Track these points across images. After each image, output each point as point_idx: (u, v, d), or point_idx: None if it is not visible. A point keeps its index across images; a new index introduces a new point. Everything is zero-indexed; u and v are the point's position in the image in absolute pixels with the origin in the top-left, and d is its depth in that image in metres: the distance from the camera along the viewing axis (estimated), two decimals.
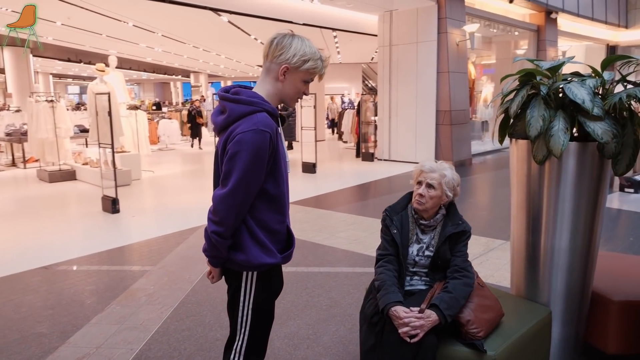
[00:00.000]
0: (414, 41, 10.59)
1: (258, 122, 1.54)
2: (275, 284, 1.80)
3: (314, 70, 1.66)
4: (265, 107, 1.60)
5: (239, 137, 1.53)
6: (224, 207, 1.56)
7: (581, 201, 2.28)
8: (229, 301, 1.76)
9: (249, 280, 1.69)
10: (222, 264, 1.70)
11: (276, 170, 1.64)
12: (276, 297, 1.84)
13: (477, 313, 2.02)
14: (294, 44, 1.62)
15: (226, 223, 1.58)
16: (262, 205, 1.64)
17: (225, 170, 1.57)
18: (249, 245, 1.63)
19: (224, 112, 1.64)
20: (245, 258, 1.63)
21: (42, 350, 2.86)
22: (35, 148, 9.72)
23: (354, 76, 26.06)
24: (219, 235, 1.60)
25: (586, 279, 2.39)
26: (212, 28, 12.61)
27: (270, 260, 1.65)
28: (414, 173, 2.22)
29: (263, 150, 1.54)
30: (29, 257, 4.61)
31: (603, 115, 2.08)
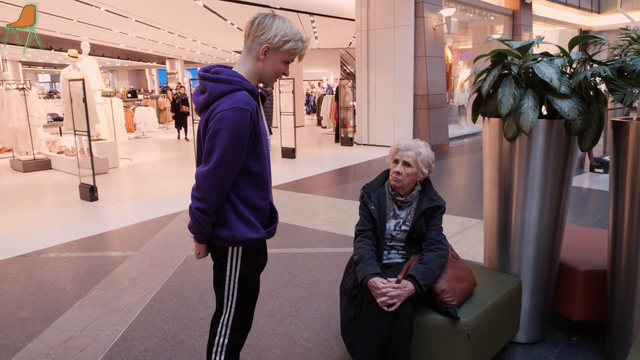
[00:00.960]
0: (391, 25, 10.64)
1: (238, 100, 1.58)
2: (261, 258, 1.86)
3: (294, 51, 1.70)
4: (245, 86, 1.63)
5: (220, 115, 1.56)
6: (207, 184, 1.61)
7: (548, 176, 2.39)
8: (215, 276, 1.81)
9: (234, 255, 1.74)
10: (207, 241, 1.75)
11: (257, 147, 1.68)
12: (261, 271, 1.90)
13: (451, 283, 2.12)
14: (275, 24, 1.65)
15: (209, 199, 1.62)
16: (245, 182, 1.69)
17: (207, 148, 1.60)
18: (234, 221, 1.68)
19: (204, 92, 1.67)
20: (230, 234, 1.68)
21: (26, 334, 2.87)
22: (7, 137, 9.47)
23: (332, 62, 26.02)
24: (202, 212, 1.64)
25: (553, 251, 2.52)
26: (188, 13, 12.41)
27: (255, 235, 1.71)
28: (390, 151, 2.30)
29: (244, 128, 1.58)
30: (6, 246, 4.56)
31: (570, 93, 2.18)
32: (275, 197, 2.10)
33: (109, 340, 2.77)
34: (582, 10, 16.77)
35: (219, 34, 17.29)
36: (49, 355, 2.63)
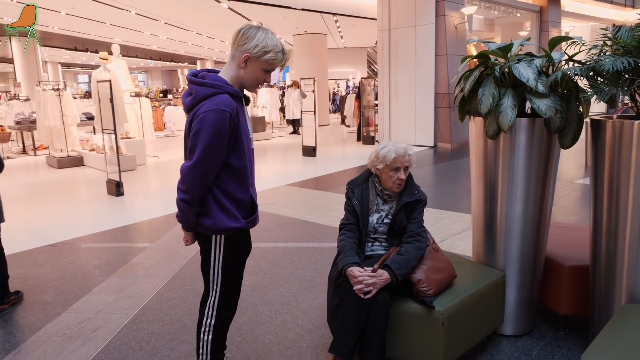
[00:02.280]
0: (413, 24, 10.66)
1: (219, 102, 1.76)
2: (243, 245, 2.04)
3: (273, 62, 1.85)
4: (226, 90, 1.81)
5: (202, 115, 1.75)
6: (190, 178, 1.80)
7: (531, 173, 2.47)
8: (201, 262, 2.01)
9: (217, 242, 1.93)
10: (193, 229, 1.94)
11: (238, 145, 1.85)
12: (245, 257, 2.08)
13: (429, 274, 2.23)
14: (257, 35, 1.81)
15: (192, 191, 1.81)
16: (227, 177, 1.87)
17: (190, 145, 1.79)
18: (215, 211, 1.87)
19: (191, 94, 1.85)
20: (212, 223, 1.87)
21: (46, 316, 3.14)
22: (43, 136, 10.04)
23: (359, 61, 26.08)
24: (186, 203, 1.83)
25: (538, 245, 2.59)
26: (214, 15, 12.75)
27: (235, 224, 1.89)
28: (385, 160, 2.31)
29: (224, 127, 1.75)
30: (37, 236, 4.90)
31: (547, 92, 2.26)
32: (290, 194, 2.29)
33: (120, 323, 3.00)
34: (615, 4, 16.28)
35: None
36: (64, 334, 2.88)
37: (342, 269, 2.20)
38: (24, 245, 4.59)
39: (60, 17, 12.51)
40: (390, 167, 2.32)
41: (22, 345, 2.78)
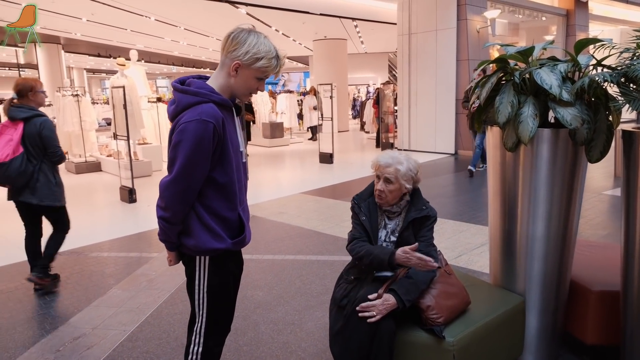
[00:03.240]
0: (433, 29, 10.42)
1: (202, 112, 1.58)
2: (232, 267, 1.85)
3: (265, 69, 1.67)
4: (212, 98, 1.63)
5: (182, 126, 1.59)
6: (169, 194, 1.64)
7: (555, 188, 2.24)
8: (187, 284, 1.83)
9: (202, 264, 1.75)
10: (176, 249, 1.77)
11: (224, 159, 1.67)
12: (235, 279, 1.90)
13: (439, 299, 2.03)
14: (248, 40, 1.63)
15: (171, 208, 1.65)
16: (211, 193, 1.69)
17: (169, 157, 1.63)
18: (198, 231, 1.69)
19: (175, 102, 1.70)
20: (194, 243, 1.70)
21: (43, 330, 3.04)
22: (63, 141, 10.11)
23: (380, 66, 25.84)
24: (165, 221, 1.67)
25: (562, 268, 2.36)
26: (232, 20, 12.72)
27: (220, 245, 1.71)
28: (372, 165, 2.22)
29: (206, 140, 1.58)
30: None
31: (573, 100, 2.04)
32: (304, 202, 2.14)
33: (116, 340, 2.87)
34: None
35: None
36: (58, 352, 2.76)
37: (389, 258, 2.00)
38: None
39: (82, 23, 12.68)
40: (375, 174, 2.20)
41: None
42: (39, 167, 3.47)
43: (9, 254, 4.61)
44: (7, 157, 3.29)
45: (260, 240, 4.77)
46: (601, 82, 1.94)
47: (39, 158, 3.46)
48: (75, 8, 10.71)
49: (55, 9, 10.73)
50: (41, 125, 3.39)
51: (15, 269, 4.17)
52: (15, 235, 5.26)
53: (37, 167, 3.45)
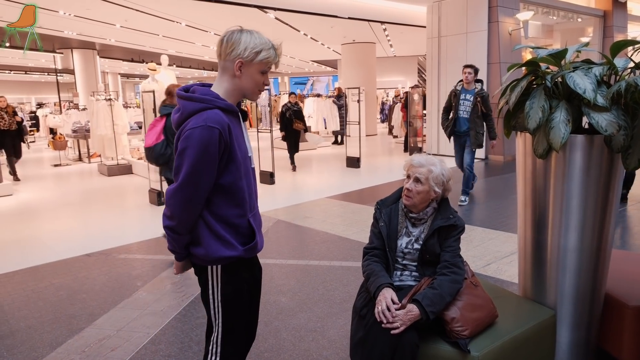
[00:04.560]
0: (464, 32, 10.24)
1: (207, 118, 1.57)
2: (245, 275, 1.81)
3: (267, 60, 1.67)
4: (217, 104, 1.62)
5: (187, 133, 1.57)
6: (175, 202, 1.61)
7: (589, 198, 2.13)
8: (201, 293, 1.81)
9: (214, 273, 1.73)
10: (184, 258, 1.75)
11: (232, 165, 1.65)
12: (250, 287, 1.86)
13: (464, 312, 1.95)
14: (243, 38, 1.63)
15: (177, 217, 1.62)
16: (220, 200, 1.67)
17: (175, 165, 1.61)
18: (207, 239, 1.67)
19: (180, 110, 1.68)
20: (204, 252, 1.67)
21: (69, 330, 3.09)
22: (96, 144, 10.43)
23: (410, 69, 25.60)
24: (171, 230, 1.65)
25: (596, 281, 2.24)
26: (261, 25, 12.85)
27: (231, 253, 1.68)
28: (404, 166, 2.19)
29: (212, 146, 1.56)
30: (75, 245, 4.97)
31: (609, 105, 1.93)
32: (329, 207, 2.12)
33: (139, 342, 2.90)
34: None
35: (294, 44, 17.71)
36: (83, 353, 2.81)
37: (375, 290, 1.97)
38: (62, 254, 4.66)
39: (115, 29, 13.04)
40: (405, 173, 2.16)
41: None
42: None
43: (41, 254, 4.74)
44: (152, 142, 4.25)
45: (285, 245, 4.76)
46: (639, 85, 1.83)
47: None
48: (109, 15, 11.02)
49: (90, 16, 11.07)
50: None
51: (47, 269, 4.29)
52: (47, 235, 5.42)
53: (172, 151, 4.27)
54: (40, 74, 25.44)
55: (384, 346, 1.87)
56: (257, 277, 1.93)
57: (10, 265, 4.38)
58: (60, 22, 12.07)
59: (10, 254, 4.79)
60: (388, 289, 1.97)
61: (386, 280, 2.04)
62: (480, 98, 5.97)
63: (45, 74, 24.85)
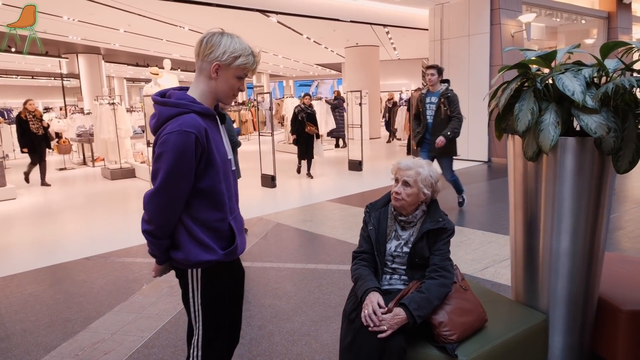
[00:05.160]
0: (466, 34, 10.22)
1: (183, 123, 1.57)
2: (226, 279, 1.80)
3: (245, 66, 1.67)
4: (193, 109, 1.62)
5: (164, 137, 1.57)
6: (152, 206, 1.62)
7: (581, 201, 2.11)
8: (182, 296, 1.80)
9: (194, 277, 1.72)
10: (165, 262, 1.75)
11: (211, 169, 1.65)
12: (232, 291, 1.86)
13: (453, 316, 1.94)
14: (223, 41, 1.63)
15: (155, 221, 1.63)
16: (200, 204, 1.67)
17: (153, 170, 1.61)
18: (186, 243, 1.67)
19: (156, 115, 1.68)
20: (184, 256, 1.67)
21: (64, 334, 3.10)
22: (99, 148, 10.49)
23: (414, 72, 25.57)
24: (150, 234, 1.65)
25: (589, 285, 2.21)
26: (264, 29, 12.89)
27: (210, 257, 1.67)
28: (392, 170, 2.18)
29: (188, 151, 1.56)
30: (76, 249, 4.99)
31: (598, 107, 1.92)
32: (330, 210, 2.13)
33: (133, 346, 2.90)
34: None
35: (298, 47, 17.75)
36: (77, 356, 2.81)
37: (362, 295, 1.97)
38: (63, 258, 4.68)
39: (119, 34, 13.12)
40: (394, 177, 2.15)
41: None
42: None
43: (41, 257, 4.77)
44: None
45: (283, 249, 4.75)
46: (627, 87, 1.81)
47: None
48: (113, 20, 11.10)
49: (93, 21, 11.15)
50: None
51: (46, 273, 4.31)
52: (48, 239, 5.45)
53: None
54: (47, 78, 25.67)
55: (370, 351, 1.85)
56: (239, 280, 1.93)
57: (10, 269, 4.41)
58: (65, 27, 12.17)
59: (11, 258, 4.82)
60: (375, 293, 1.96)
61: (373, 284, 2.04)
62: (444, 99, 5.42)
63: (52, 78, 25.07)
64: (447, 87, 5.53)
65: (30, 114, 8.90)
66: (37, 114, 9.06)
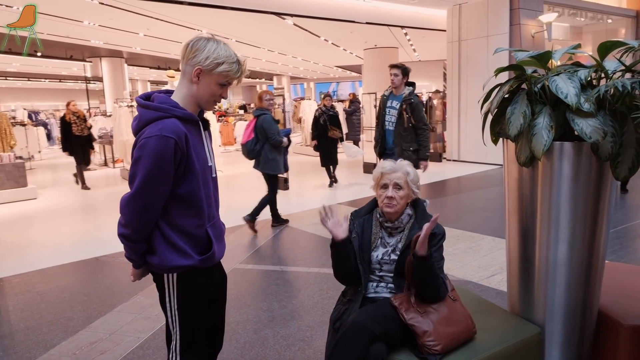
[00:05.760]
0: (484, 35, 10.04)
1: (162, 128, 1.56)
2: (204, 284, 1.78)
3: (227, 74, 1.64)
4: (174, 113, 1.61)
5: (142, 142, 1.56)
6: (128, 211, 1.61)
7: (578, 208, 2.02)
8: (159, 300, 1.80)
9: (170, 282, 1.71)
10: (141, 266, 1.75)
11: (190, 174, 1.64)
12: (211, 296, 1.84)
13: (438, 326, 1.87)
14: (207, 46, 1.62)
15: (131, 226, 1.62)
16: (177, 210, 1.66)
17: (130, 174, 1.61)
18: (162, 248, 1.66)
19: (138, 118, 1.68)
20: (159, 261, 1.66)
21: (65, 332, 3.14)
22: (119, 149, 10.67)
23: (435, 74, 25.27)
24: (125, 238, 1.64)
25: (588, 297, 2.11)
26: (281, 31, 12.93)
27: (185, 262, 1.66)
28: (374, 178, 2.13)
29: (166, 156, 1.55)
30: (86, 248, 5.07)
31: (594, 111, 1.83)
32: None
33: (129, 347, 2.91)
34: None
35: (316, 49, 17.74)
36: (74, 355, 2.84)
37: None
38: (74, 257, 4.77)
39: (139, 38, 13.35)
40: (379, 185, 2.07)
41: None
42: (261, 147, 5.24)
43: (53, 256, 4.86)
44: (244, 140, 5.31)
45: (288, 252, 4.73)
46: (620, 89, 1.72)
47: (263, 141, 5.23)
48: (132, 24, 11.30)
49: (113, 25, 11.37)
50: (261, 120, 5.21)
51: (56, 272, 4.39)
52: (61, 238, 5.56)
53: (261, 147, 5.24)
54: (74, 81, 26.32)
55: (353, 358, 1.81)
56: (220, 285, 1.92)
57: (21, 267, 4.51)
58: (87, 32, 12.44)
59: (25, 256, 4.93)
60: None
61: None
62: (407, 105, 4.58)
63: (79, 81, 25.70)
64: (411, 92, 4.67)
65: (74, 115, 8.60)
66: (81, 115, 8.77)
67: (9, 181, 7.92)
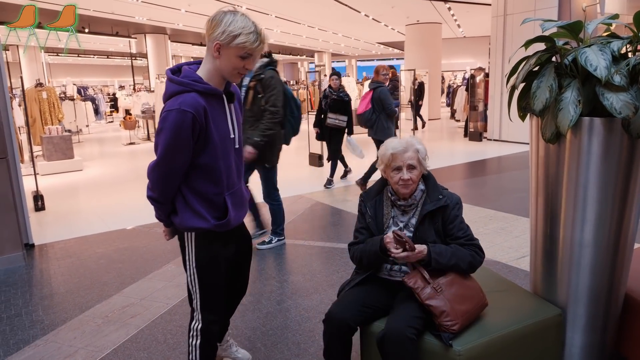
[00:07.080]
0: (532, 9, 9.55)
1: (182, 102, 1.64)
2: (219, 248, 1.89)
3: (244, 45, 1.66)
4: (195, 88, 1.68)
5: (164, 114, 1.67)
6: (153, 176, 1.76)
7: (607, 188, 1.92)
8: (182, 259, 1.95)
9: (189, 239, 1.86)
10: (169, 225, 1.91)
11: (208, 146, 1.73)
12: (231, 258, 1.99)
13: (454, 304, 1.85)
14: (224, 20, 1.64)
15: (157, 189, 1.78)
16: (197, 177, 1.78)
17: (155, 143, 1.73)
18: (182, 209, 1.81)
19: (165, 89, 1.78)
20: (179, 221, 1.82)
21: (100, 296, 3.32)
22: None
23: (480, 51, 24.38)
24: (153, 200, 1.80)
25: (614, 280, 2.03)
26: (321, 7, 12.77)
27: (201, 224, 1.80)
28: (383, 158, 2.04)
29: (185, 130, 1.64)
30: (120, 219, 5.30)
31: (626, 84, 1.72)
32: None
33: (157, 312, 3.05)
34: None
35: (357, 25, 17.44)
36: (106, 317, 3.00)
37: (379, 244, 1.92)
38: (112, 226, 4.99)
39: (181, 14, 13.54)
40: (391, 167, 2.01)
41: (68, 323, 2.96)
42: (377, 117, 5.69)
43: (91, 225, 5.10)
44: (362, 110, 5.70)
45: (317, 227, 4.77)
46: None
47: (379, 111, 5.66)
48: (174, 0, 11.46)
49: (155, 1, 11.57)
50: (378, 91, 5.66)
51: (94, 239, 4.61)
52: (101, 208, 5.82)
53: (377, 117, 5.69)
54: (122, 58, 27.12)
55: None
56: (241, 249, 2.06)
57: (65, 234, 4.77)
58: (130, 8, 12.72)
59: (67, 224, 5.20)
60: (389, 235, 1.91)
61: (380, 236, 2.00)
62: (257, 82, 3.71)
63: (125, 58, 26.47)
64: (265, 65, 3.72)
65: None
66: None
67: (56, 153, 8.32)
